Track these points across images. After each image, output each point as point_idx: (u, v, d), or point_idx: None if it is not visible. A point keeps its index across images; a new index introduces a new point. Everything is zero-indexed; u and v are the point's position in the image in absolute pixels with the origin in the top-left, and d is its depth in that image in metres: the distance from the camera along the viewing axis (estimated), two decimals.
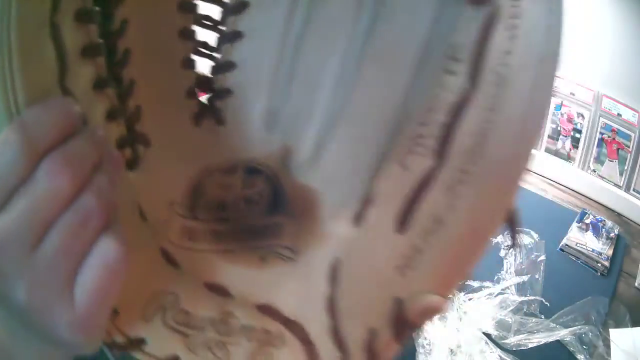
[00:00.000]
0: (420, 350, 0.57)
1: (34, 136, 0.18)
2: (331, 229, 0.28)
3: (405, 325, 0.19)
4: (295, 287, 0.27)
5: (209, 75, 0.30)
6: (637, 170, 0.84)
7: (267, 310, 0.26)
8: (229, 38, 0.30)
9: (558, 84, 0.91)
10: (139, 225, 0.26)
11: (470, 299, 0.63)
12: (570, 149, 0.93)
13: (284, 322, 0.25)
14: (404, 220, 0.22)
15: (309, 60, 0.29)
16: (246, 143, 0.31)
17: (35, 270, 0.18)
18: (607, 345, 0.60)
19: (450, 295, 0.18)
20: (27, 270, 0.18)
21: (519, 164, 0.17)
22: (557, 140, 0.95)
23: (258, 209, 0.30)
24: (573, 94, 0.90)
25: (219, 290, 0.26)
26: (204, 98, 0.31)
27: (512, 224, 0.18)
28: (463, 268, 0.18)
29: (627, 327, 0.63)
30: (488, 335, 0.59)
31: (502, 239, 0.77)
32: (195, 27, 0.29)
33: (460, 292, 0.64)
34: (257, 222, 0.29)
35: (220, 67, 0.30)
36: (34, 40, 0.19)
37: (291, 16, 0.29)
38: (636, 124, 0.82)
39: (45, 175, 0.18)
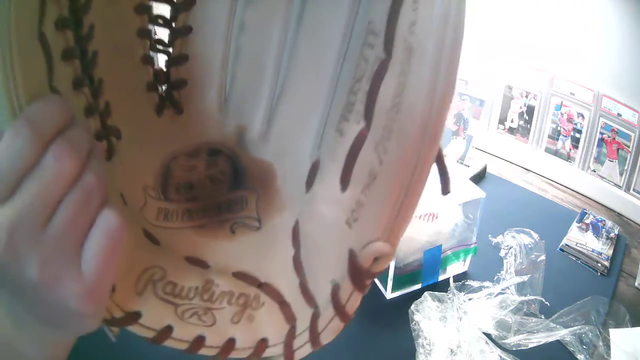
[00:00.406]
0: (420, 350, 0.57)
1: (40, 127, 0.20)
2: (288, 196, 0.31)
3: (362, 274, 0.22)
4: (264, 252, 0.30)
5: (165, 68, 0.33)
6: (637, 170, 0.84)
7: (242, 276, 0.28)
8: (180, 33, 0.32)
9: (558, 83, 0.91)
10: (122, 209, 0.28)
11: (470, 299, 0.63)
12: (570, 149, 0.93)
13: (258, 285, 0.28)
14: (346, 179, 0.24)
15: (251, 46, 0.32)
16: (204, 127, 0.33)
17: (45, 247, 0.19)
18: (607, 345, 0.60)
19: (396, 244, 0.21)
20: (38, 247, 0.19)
21: (433, 116, 0.19)
22: (557, 140, 0.95)
23: (222, 185, 0.32)
24: (573, 94, 0.90)
25: (198, 263, 0.29)
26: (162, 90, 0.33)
27: (440, 169, 0.21)
28: (402, 214, 0.20)
29: (627, 327, 0.63)
30: (488, 335, 0.59)
31: (502, 239, 0.77)
32: (151, 26, 0.32)
33: (460, 292, 0.64)
34: (223, 197, 0.32)
35: (174, 60, 0.33)
36: (29, 47, 0.21)
37: (233, 7, 0.31)
38: (636, 124, 0.82)
39: (53, 159, 0.19)
